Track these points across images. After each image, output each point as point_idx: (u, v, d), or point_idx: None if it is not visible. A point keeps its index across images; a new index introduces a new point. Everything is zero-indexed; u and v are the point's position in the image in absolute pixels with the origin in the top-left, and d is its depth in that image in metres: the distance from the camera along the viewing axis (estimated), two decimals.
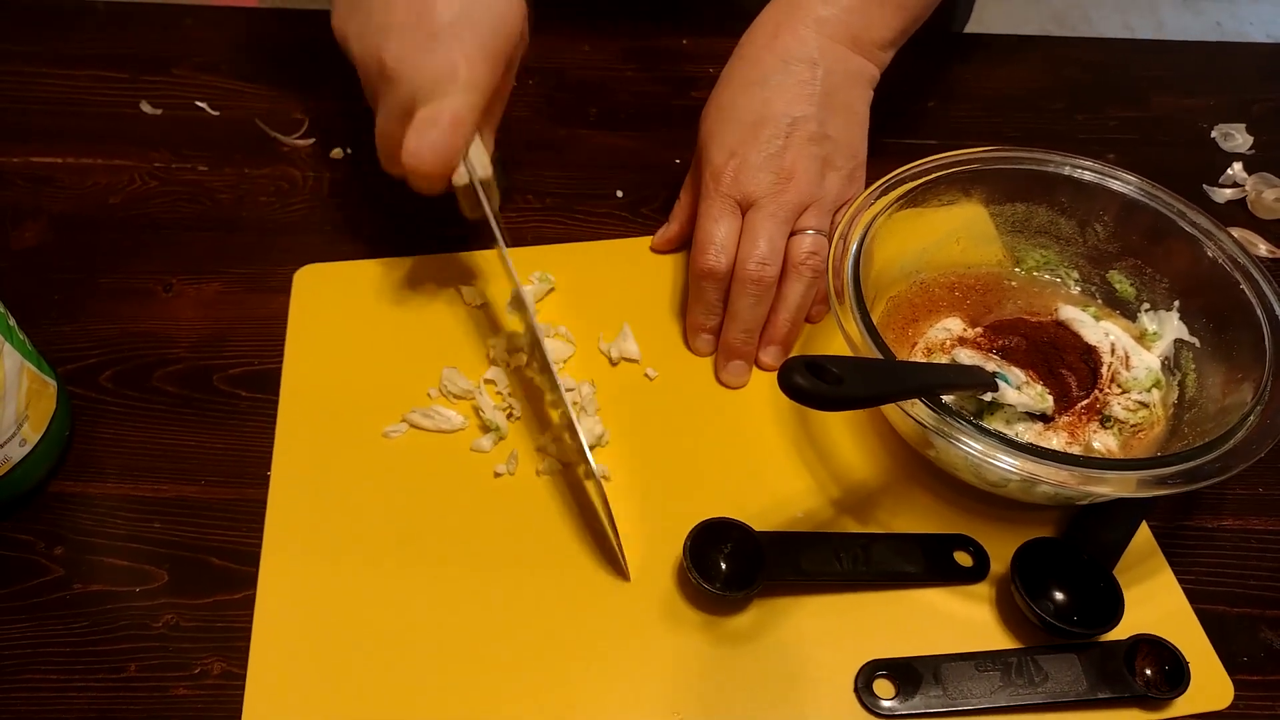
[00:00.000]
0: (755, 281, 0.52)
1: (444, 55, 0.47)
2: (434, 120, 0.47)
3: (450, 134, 0.47)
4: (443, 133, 0.47)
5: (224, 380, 0.54)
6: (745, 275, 0.52)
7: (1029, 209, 0.56)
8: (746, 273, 0.52)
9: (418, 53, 0.47)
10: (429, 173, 0.48)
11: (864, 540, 0.48)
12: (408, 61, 0.47)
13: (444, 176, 0.49)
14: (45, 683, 0.43)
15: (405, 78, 0.48)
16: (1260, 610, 0.48)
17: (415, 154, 0.47)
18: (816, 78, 0.54)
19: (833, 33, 0.55)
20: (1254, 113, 0.73)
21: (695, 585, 0.44)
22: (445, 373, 0.53)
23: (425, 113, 0.47)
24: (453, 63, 0.47)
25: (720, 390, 0.54)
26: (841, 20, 0.55)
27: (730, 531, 0.46)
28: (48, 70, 0.70)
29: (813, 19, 0.55)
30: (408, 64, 0.47)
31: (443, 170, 0.48)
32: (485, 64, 0.48)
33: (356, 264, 0.59)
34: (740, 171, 0.53)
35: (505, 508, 0.49)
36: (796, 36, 0.54)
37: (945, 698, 0.43)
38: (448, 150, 0.48)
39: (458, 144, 0.48)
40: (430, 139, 0.47)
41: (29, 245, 0.60)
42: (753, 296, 0.53)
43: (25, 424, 0.46)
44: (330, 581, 0.46)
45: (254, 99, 0.69)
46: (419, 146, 0.47)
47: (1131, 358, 0.52)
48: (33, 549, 0.47)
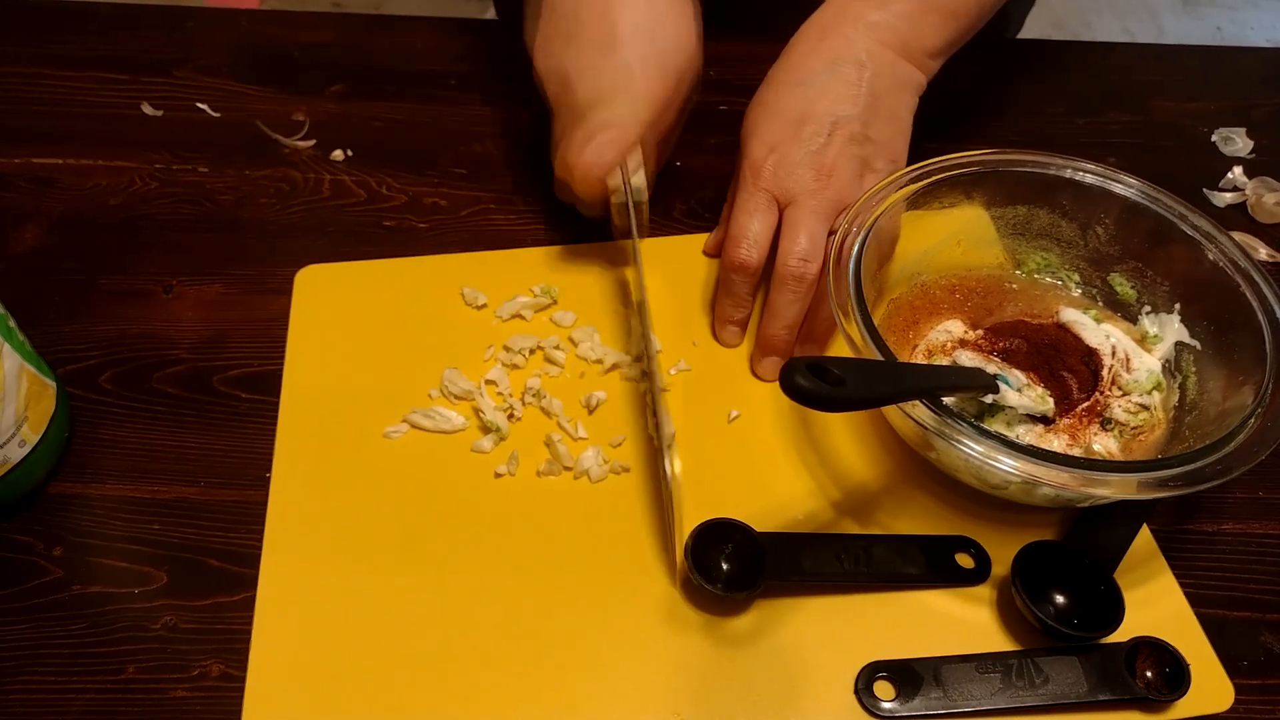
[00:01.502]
0: (797, 279, 0.52)
1: (620, 64, 0.50)
2: (602, 124, 0.49)
3: (616, 135, 0.49)
4: (610, 134, 0.49)
5: (224, 382, 0.54)
6: (786, 272, 0.52)
7: (1030, 212, 0.56)
8: (788, 269, 0.52)
9: (597, 60, 0.50)
10: (589, 173, 0.50)
11: (865, 541, 0.48)
12: (588, 67, 0.50)
13: (601, 177, 0.50)
14: (43, 684, 0.43)
15: (584, 81, 0.50)
16: (1260, 614, 0.48)
17: (579, 152, 0.49)
18: (863, 80, 0.54)
19: (883, 38, 0.54)
20: (1254, 117, 0.73)
21: (696, 586, 0.44)
22: (446, 373, 0.53)
23: (594, 116, 0.49)
24: (628, 71, 0.50)
25: (721, 393, 0.54)
26: (892, 26, 0.54)
27: (732, 532, 0.46)
28: (49, 72, 0.70)
29: (863, 23, 0.54)
30: (588, 69, 0.50)
31: (601, 171, 0.50)
32: (658, 76, 0.51)
33: (357, 264, 0.59)
34: (779, 167, 0.53)
35: (506, 509, 0.49)
36: (845, 39, 0.54)
37: (946, 699, 0.43)
38: (611, 151, 0.49)
39: (619, 149, 0.50)
40: (593, 141, 0.49)
41: (29, 246, 0.60)
42: (791, 292, 0.52)
43: (25, 425, 0.46)
44: (330, 583, 0.46)
45: (255, 101, 0.69)
46: (581, 146, 0.49)
47: (1132, 360, 0.52)
48: (31, 550, 0.47)
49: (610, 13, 0.51)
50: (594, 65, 0.51)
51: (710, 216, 0.63)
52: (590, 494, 0.50)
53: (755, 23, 0.74)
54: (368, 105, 0.69)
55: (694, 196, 0.65)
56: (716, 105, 0.70)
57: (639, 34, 0.51)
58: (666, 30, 0.52)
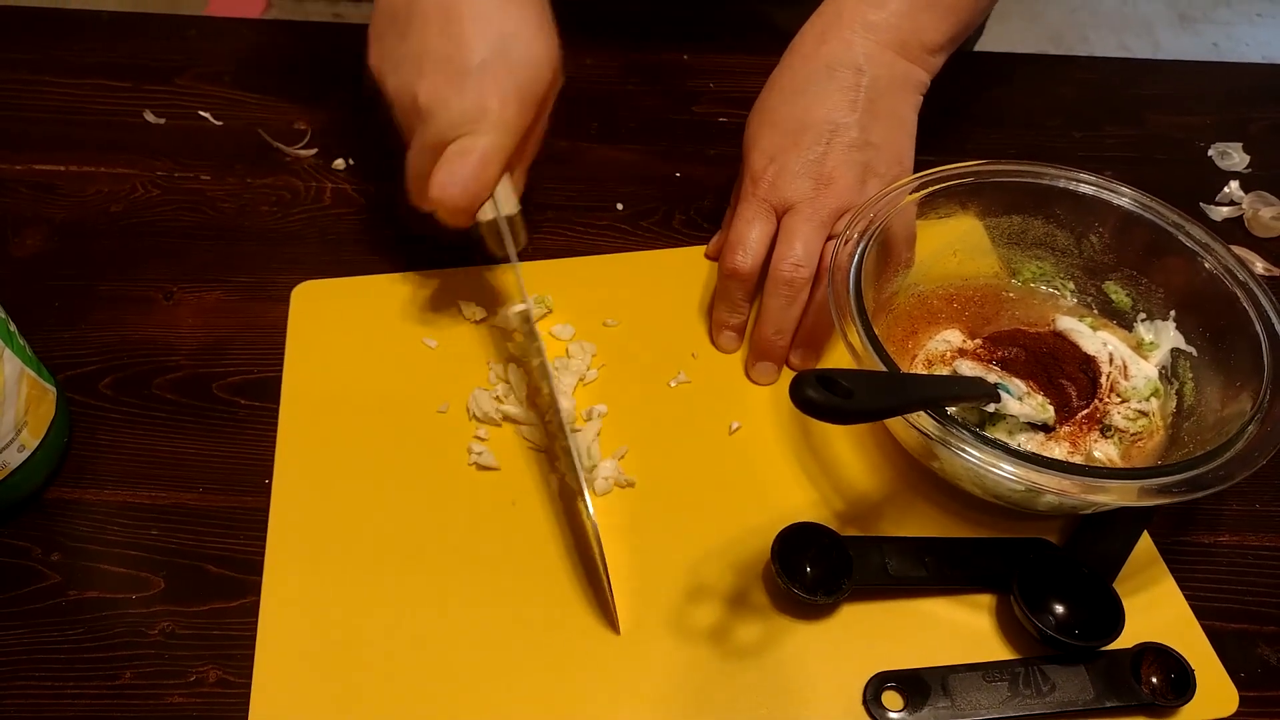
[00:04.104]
0: (787, 283, 0.52)
1: (476, 93, 0.48)
2: (463, 155, 0.48)
3: (478, 170, 0.48)
4: (471, 168, 0.48)
5: (223, 388, 0.54)
6: (778, 276, 0.52)
7: (1025, 221, 0.56)
8: (780, 273, 0.52)
9: (450, 89, 0.48)
10: (455, 207, 0.48)
11: (948, 544, 0.48)
12: (440, 98, 0.48)
13: (470, 211, 0.49)
14: (40, 689, 0.43)
15: (438, 114, 0.48)
16: (1257, 626, 0.48)
17: (443, 187, 0.48)
18: (861, 84, 0.54)
19: (881, 38, 0.54)
20: (1251, 131, 0.73)
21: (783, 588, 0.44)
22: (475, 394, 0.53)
23: (455, 148, 0.48)
24: (484, 101, 0.48)
25: (721, 405, 0.54)
26: (890, 25, 0.54)
27: (818, 536, 0.46)
28: (51, 79, 0.70)
29: (860, 24, 0.54)
30: (440, 100, 0.48)
31: (469, 205, 0.49)
32: (517, 104, 0.49)
33: (354, 280, 0.59)
34: (779, 177, 0.54)
35: (508, 518, 0.49)
36: (843, 42, 0.54)
37: (954, 709, 0.43)
38: (475, 185, 0.48)
39: (486, 180, 0.48)
40: (459, 174, 0.48)
41: (31, 252, 0.60)
42: (784, 297, 0.53)
43: (24, 430, 0.46)
44: (333, 593, 0.46)
45: (256, 109, 0.69)
46: (448, 181, 0.48)
47: (1130, 367, 0.52)
48: (29, 555, 0.47)
49: (455, 31, 0.48)
50: (446, 95, 0.48)
51: (709, 226, 0.63)
52: (595, 505, 0.49)
53: (754, 35, 0.75)
54: (369, 114, 0.69)
55: (693, 207, 0.65)
56: (716, 117, 0.70)
57: (493, 60, 0.48)
58: (521, 53, 0.49)
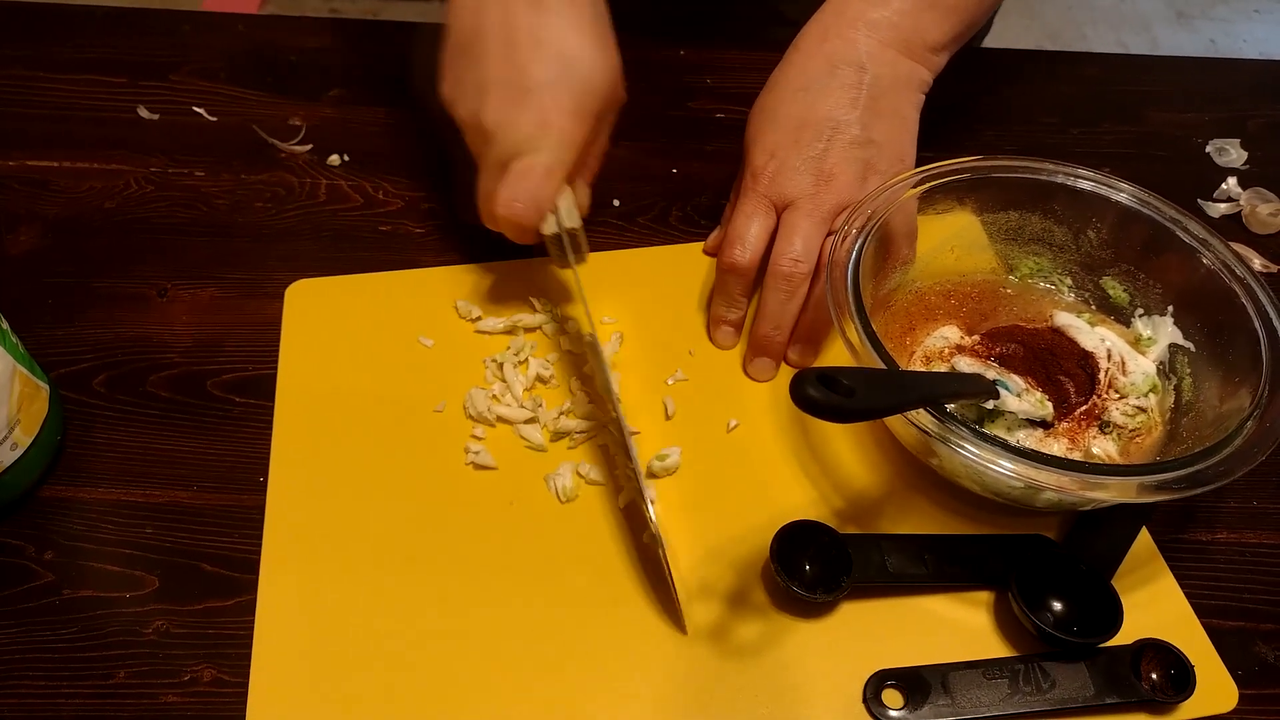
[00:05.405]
0: (786, 278, 0.52)
1: (536, 111, 0.49)
2: (526, 172, 0.49)
3: (540, 185, 0.50)
4: (533, 184, 0.50)
5: (218, 386, 0.53)
6: (777, 271, 0.53)
7: (1022, 217, 0.56)
8: (778, 269, 0.52)
9: (513, 110, 0.50)
10: (518, 222, 0.50)
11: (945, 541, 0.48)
12: (503, 119, 0.50)
13: (532, 226, 0.51)
14: (34, 689, 0.43)
15: (501, 135, 0.50)
16: (1255, 624, 0.47)
17: (507, 204, 0.50)
18: (863, 82, 0.54)
19: (884, 37, 0.54)
20: (1248, 128, 0.73)
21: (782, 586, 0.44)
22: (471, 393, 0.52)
23: (518, 165, 0.50)
24: (545, 119, 0.49)
25: (719, 402, 0.54)
26: (893, 23, 0.54)
27: (817, 534, 0.46)
28: (45, 75, 0.70)
29: (863, 22, 0.54)
30: (504, 122, 0.50)
31: (531, 219, 0.50)
32: (577, 120, 0.50)
33: (349, 278, 0.58)
34: (779, 173, 0.54)
35: (506, 514, 0.49)
36: (846, 40, 0.54)
37: (954, 706, 0.43)
38: (537, 200, 0.50)
39: (547, 195, 0.50)
40: (521, 189, 0.50)
41: (24, 249, 0.59)
42: (783, 293, 0.53)
43: (17, 428, 0.46)
44: (329, 592, 0.46)
45: (251, 105, 0.69)
46: (510, 197, 0.50)
47: (1128, 363, 0.52)
48: (22, 554, 0.47)
49: (517, 56, 0.50)
50: (509, 116, 0.50)
51: (706, 223, 0.63)
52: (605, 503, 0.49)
53: (750, 30, 0.75)
54: (364, 110, 0.69)
55: (690, 203, 0.65)
56: (713, 113, 0.70)
57: (554, 80, 0.50)
58: (581, 72, 0.50)
